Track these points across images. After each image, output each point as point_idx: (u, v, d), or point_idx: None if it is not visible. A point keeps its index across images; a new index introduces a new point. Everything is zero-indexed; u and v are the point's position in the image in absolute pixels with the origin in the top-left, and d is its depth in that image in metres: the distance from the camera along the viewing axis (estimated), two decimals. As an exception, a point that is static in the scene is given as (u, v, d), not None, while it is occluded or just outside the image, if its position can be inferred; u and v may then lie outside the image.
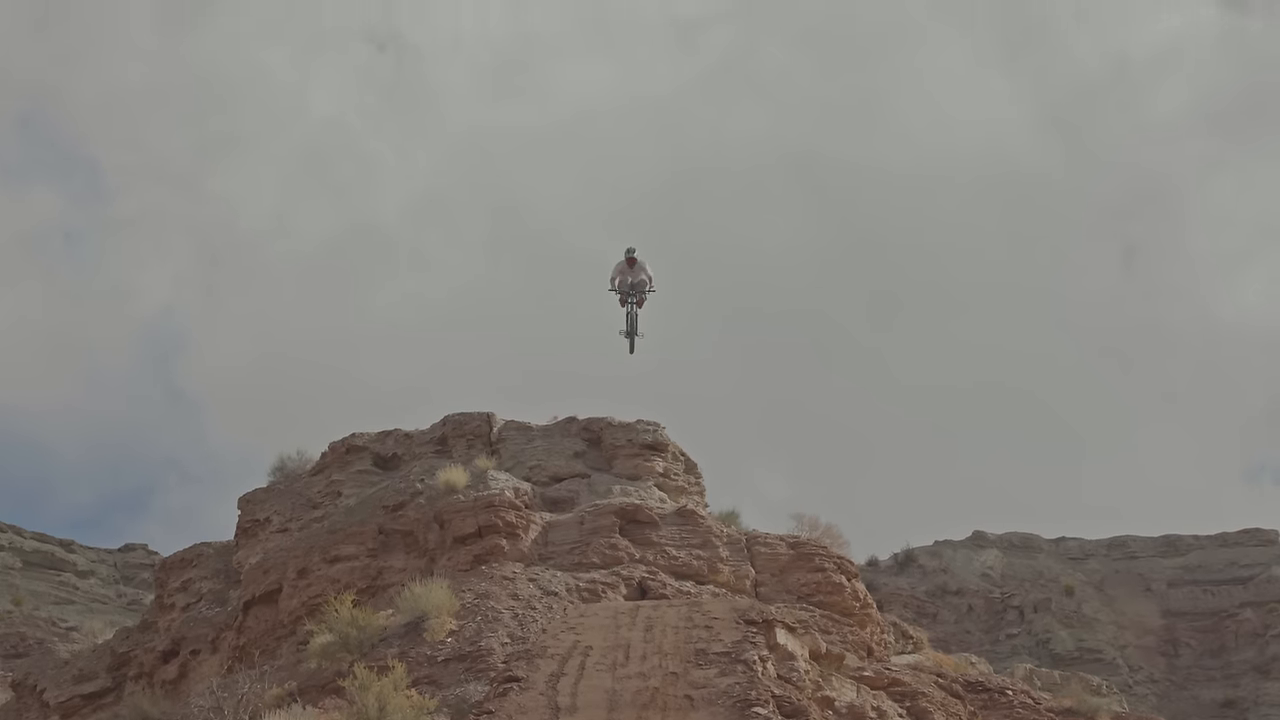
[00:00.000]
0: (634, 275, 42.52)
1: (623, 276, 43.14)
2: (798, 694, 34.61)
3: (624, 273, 42.97)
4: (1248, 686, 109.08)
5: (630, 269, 42.55)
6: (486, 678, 38.53)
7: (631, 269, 42.51)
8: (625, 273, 42.86)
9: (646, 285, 43.04)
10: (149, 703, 49.97)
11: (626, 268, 42.75)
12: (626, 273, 42.75)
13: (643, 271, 42.82)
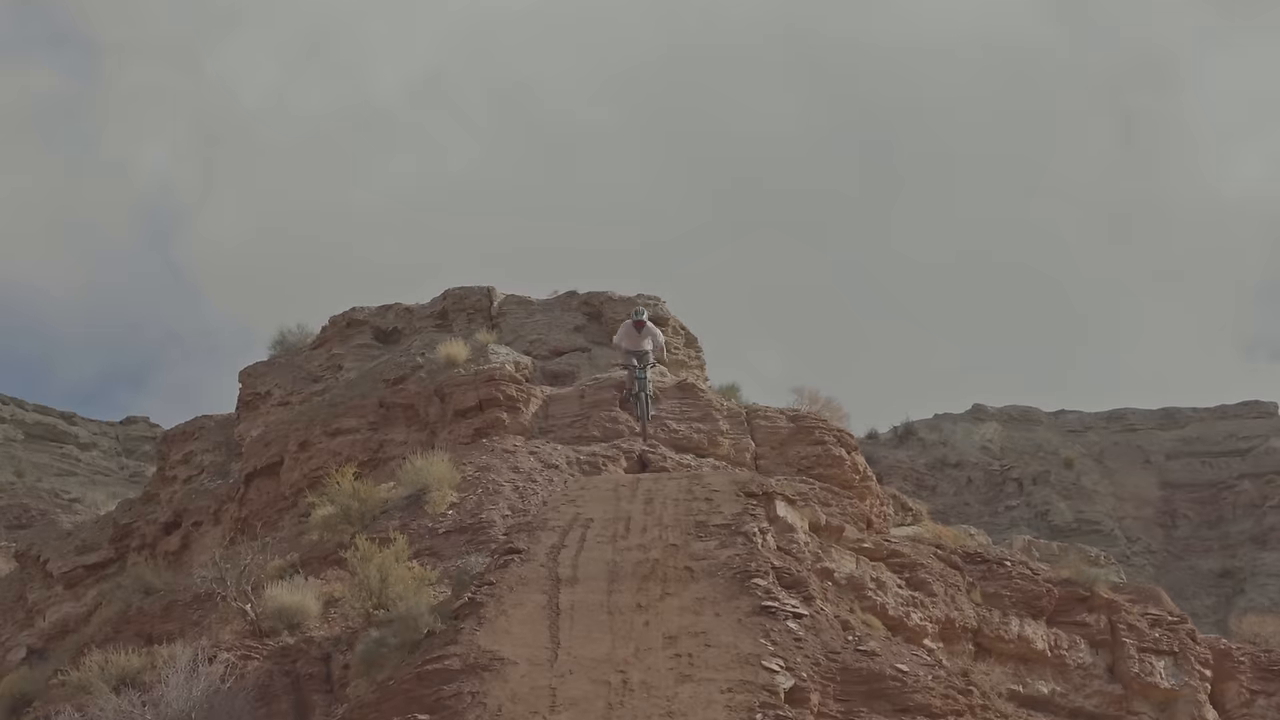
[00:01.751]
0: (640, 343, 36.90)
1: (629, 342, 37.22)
2: (797, 565, 34.79)
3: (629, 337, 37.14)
4: (1245, 557, 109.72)
5: (638, 333, 37.05)
6: (487, 549, 38.72)
7: (639, 332, 36.99)
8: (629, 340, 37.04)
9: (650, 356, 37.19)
10: (151, 573, 50.25)
11: (634, 331, 37.25)
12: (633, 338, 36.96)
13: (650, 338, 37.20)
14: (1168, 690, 44.86)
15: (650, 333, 37.35)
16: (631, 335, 36.95)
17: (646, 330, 37.09)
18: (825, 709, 28.69)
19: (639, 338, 36.76)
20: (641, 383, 36.33)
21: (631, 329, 37.31)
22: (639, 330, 36.99)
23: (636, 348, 36.66)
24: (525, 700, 26.24)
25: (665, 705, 26.04)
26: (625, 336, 37.36)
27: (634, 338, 36.78)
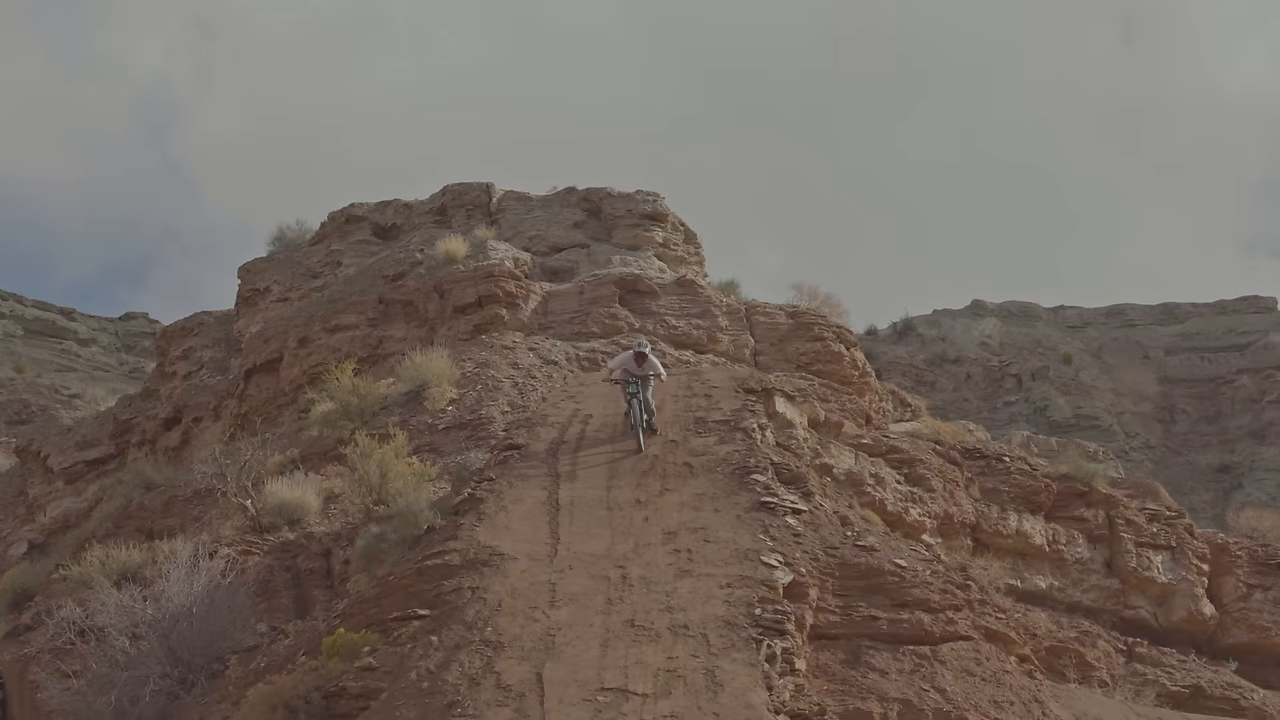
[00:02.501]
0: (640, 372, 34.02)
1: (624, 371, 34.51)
2: (796, 461, 34.85)
3: (626, 368, 34.43)
4: (1243, 452, 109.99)
5: (638, 366, 34.09)
6: (487, 445, 38.78)
7: (639, 366, 34.07)
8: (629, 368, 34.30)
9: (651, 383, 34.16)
10: (152, 469, 50.41)
11: (633, 364, 34.25)
12: (631, 369, 34.21)
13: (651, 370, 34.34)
14: (1165, 584, 45.08)
15: (652, 366, 34.20)
16: (631, 367, 33.95)
17: (648, 364, 34.01)
18: (824, 604, 28.81)
19: (639, 370, 33.88)
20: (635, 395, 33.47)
21: (631, 361, 34.07)
22: (640, 363, 33.86)
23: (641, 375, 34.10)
24: (525, 595, 26.34)
25: (664, 600, 26.14)
26: (624, 367, 34.30)
27: (632, 367, 33.95)
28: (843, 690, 27.42)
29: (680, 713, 22.38)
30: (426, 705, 23.03)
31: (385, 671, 24.94)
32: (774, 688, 23.54)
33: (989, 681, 29.60)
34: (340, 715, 24.74)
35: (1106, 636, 43.16)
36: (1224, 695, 41.41)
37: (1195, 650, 44.67)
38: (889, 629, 29.04)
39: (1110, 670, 41.36)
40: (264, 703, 25.68)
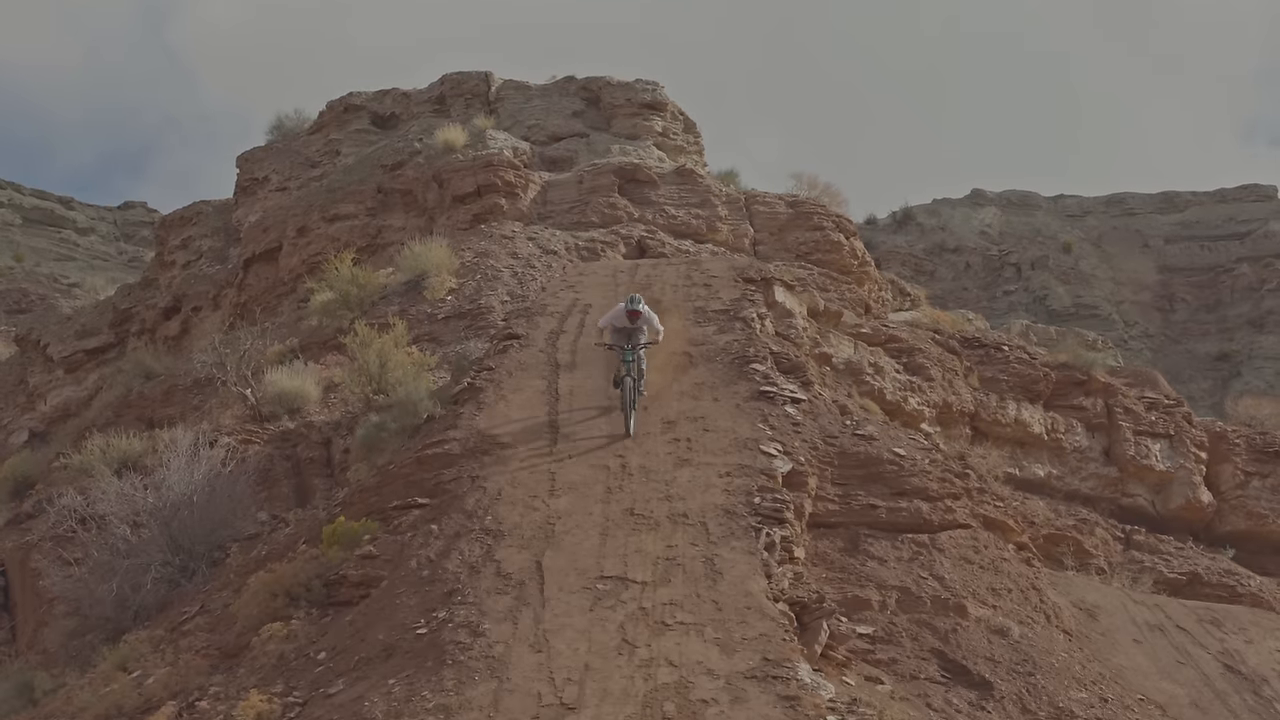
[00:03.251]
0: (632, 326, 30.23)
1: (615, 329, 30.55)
2: (795, 350, 34.87)
3: (616, 323, 30.53)
4: (1242, 340, 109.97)
5: (632, 322, 30.23)
6: (486, 335, 38.81)
7: (633, 321, 30.22)
8: (621, 324, 30.39)
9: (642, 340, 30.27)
10: (152, 358, 50.47)
11: (626, 320, 30.33)
12: (624, 325, 30.34)
13: (646, 325, 30.49)
14: (1163, 472, 45.26)
15: (646, 320, 30.30)
16: (622, 322, 30.16)
17: (642, 319, 30.11)
18: (823, 492, 28.91)
19: (632, 326, 30.01)
20: (629, 366, 29.30)
21: (623, 315, 30.14)
22: (633, 319, 29.97)
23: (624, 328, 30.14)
24: (525, 485, 26.42)
25: (664, 489, 26.21)
26: (615, 321, 30.38)
27: (624, 324, 30.08)
28: (841, 578, 27.57)
29: (679, 600, 22.49)
30: (427, 593, 23.14)
31: (385, 560, 25.06)
32: (773, 576, 23.65)
33: (987, 569, 29.77)
34: (341, 603, 24.87)
35: (1104, 524, 43.38)
36: (1221, 582, 41.68)
37: (1193, 537, 44.93)
38: (888, 517, 29.16)
39: (1108, 558, 41.60)
40: (265, 590, 25.82)
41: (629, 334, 29.76)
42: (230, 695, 22.71)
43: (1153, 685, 31.68)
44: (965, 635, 27.46)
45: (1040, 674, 27.46)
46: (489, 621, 21.73)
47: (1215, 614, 37.73)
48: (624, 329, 29.86)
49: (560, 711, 19.41)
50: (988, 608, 28.57)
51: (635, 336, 29.71)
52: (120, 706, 24.20)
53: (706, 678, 20.28)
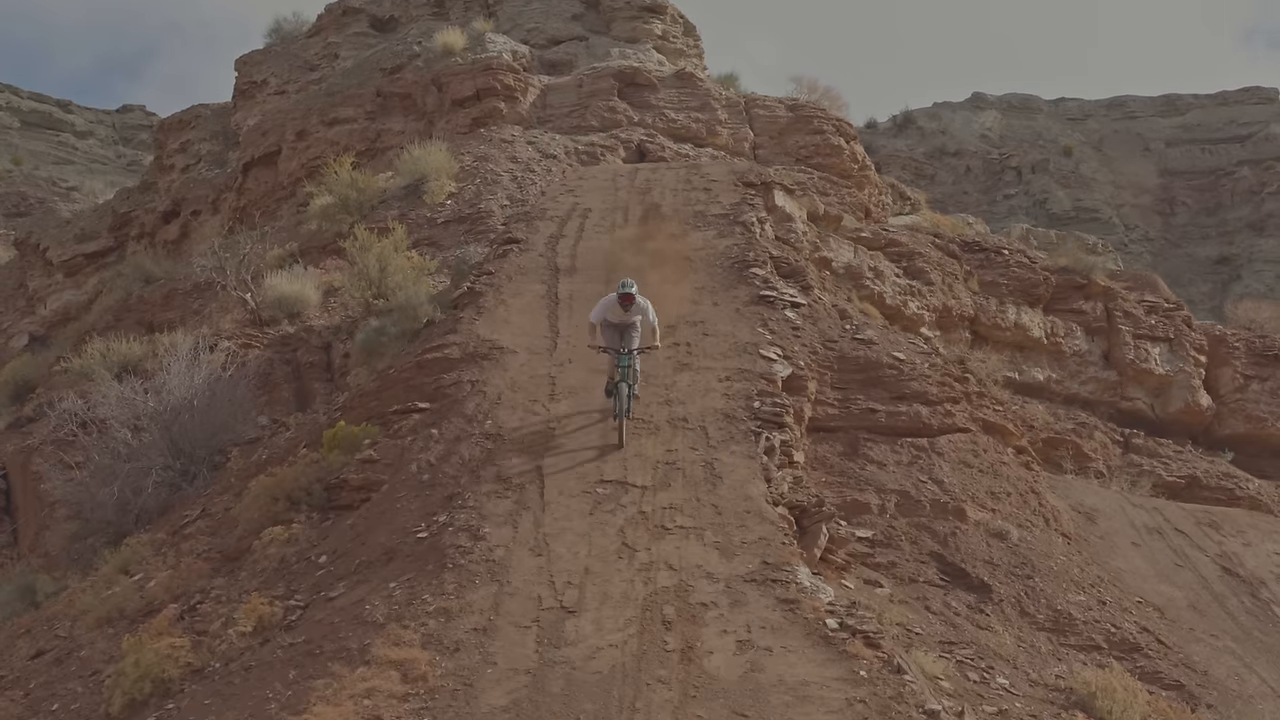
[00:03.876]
0: (628, 317, 25.83)
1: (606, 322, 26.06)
2: (795, 255, 34.83)
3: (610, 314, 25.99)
4: (1242, 244, 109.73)
5: (626, 311, 25.77)
6: (486, 239, 38.73)
7: (627, 311, 25.76)
8: (614, 315, 25.94)
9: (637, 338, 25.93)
10: (151, 262, 50.38)
11: (618, 309, 25.84)
12: (616, 315, 25.90)
13: (640, 316, 25.95)
14: (1162, 376, 45.32)
15: (640, 309, 25.85)
16: (615, 312, 25.78)
17: (635, 307, 25.72)
18: (822, 397, 28.96)
19: (625, 314, 25.77)
20: (625, 371, 25.27)
21: (615, 304, 25.77)
22: (626, 306, 25.62)
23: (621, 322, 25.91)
24: (525, 388, 26.46)
25: (664, 393, 26.25)
26: (608, 312, 25.93)
27: (618, 314, 25.77)
28: (840, 482, 27.66)
29: (679, 504, 22.57)
30: (427, 497, 23.22)
31: (386, 464, 25.12)
32: (772, 480, 23.72)
33: (986, 473, 29.88)
34: (341, 507, 24.96)
35: (1103, 428, 43.49)
36: (1219, 485, 41.84)
37: (1192, 441, 45.05)
38: (887, 421, 29.23)
39: (1107, 461, 41.73)
40: (266, 494, 25.90)
41: (623, 333, 25.70)
42: (231, 598, 22.83)
43: (1151, 588, 31.87)
44: (964, 539, 27.59)
45: (1039, 577, 27.62)
46: (489, 525, 21.82)
47: (1213, 517, 37.92)
48: (617, 325, 25.71)
49: (560, 615, 19.52)
50: (987, 511, 28.69)
51: (629, 337, 25.67)
52: (122, 609, 24.33)
53: (706, 581, 20.39)
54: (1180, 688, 26.74)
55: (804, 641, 19.03)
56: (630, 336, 25.55)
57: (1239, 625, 31.85)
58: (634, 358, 25.37)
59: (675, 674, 18.27)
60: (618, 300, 25.56)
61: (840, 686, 18.10)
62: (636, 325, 25.70)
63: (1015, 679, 24.16)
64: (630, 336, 25.55)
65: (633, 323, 25.69)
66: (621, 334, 25.61)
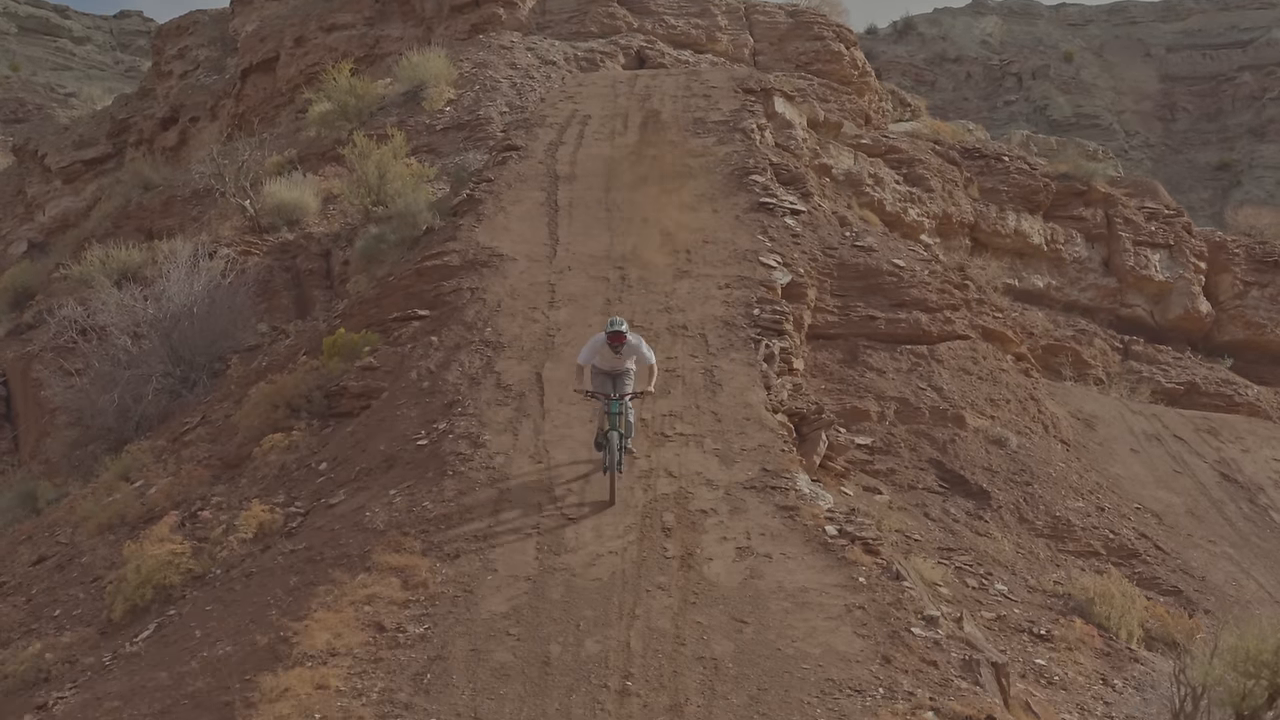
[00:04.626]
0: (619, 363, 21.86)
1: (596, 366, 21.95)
2: (795, 162, 34.72)
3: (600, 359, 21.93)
4: (1243, 149, 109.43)
5: (617, 353, 21.74)
6: (485, 146, 38.60)
7: (618, 353, 21.73)
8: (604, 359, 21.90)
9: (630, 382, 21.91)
10: (150, 169, 50.23)
11: (608, 353, 21.81)
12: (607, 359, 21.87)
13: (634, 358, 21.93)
14: (1162, 282, 45.29)
15: (633, 350, 21.82)
16: (606, 356, 21.79)
17: (627, 347, 21.73)
18: (822, 304, 28.95)
19: (617, 357, 21.78)
20: (615, 419, 21.30)
21: (604, 348, 21.76)
22: (616, 347, 21.62)
23: (613, 369, 21.93)
24: (525, 296, 26.44)
25: (663, 301, 26.24)
26: (597, 355, 21.91)
27: (609, 358, 21.80)
28: (840, 389, 27.71)
29: (679, 411, 22.61)
30: (427, 404, 23.25)
31: (386, 371, 25.14)
32: (772, 387, 23.75)
33: (985, 380, 29.91)
34: (341, 414, 25.00)
35: (1103, 335, 43.51)
36: (1218, 391, 41.91)
37: (1191, 347, 45.10)
38: (887, 329, 29.25)
39: (1106, 368, 41.79)
40: (266, 401, 25.94)
41: (614, 379, 21.79)
42: (232, 505, 22.92)
43: (1149, 494, 31.99)
44: (963, 445, 27.67)
45: (1038, 483, 27.72)
46: (489, 433, 21.87)
47: (1212, 423, 38.01)
48: (607, 372, 21.80)
49: (560, 522, 19.60)
50: (986, 418, 28.75)
51: (622, 382, 21.80)
52: (123, 516, 24.43)
53: (705, 488, 20.45)
54: (1178, 593, 26.90)
55: (803, 548, 19.11)
56: (623, 382, 21.67)
57: (1237, 531, 32.00)
58: (626, 405, 21.40)
59: (675, 580, 18.35)
60: (606, 341, 21.47)
61: (839, 593, 18.19)
62: (630, 370, 21.75)
63: (1013, 585, 24.30)
64: (623, 382, 21.67)
65: (625, 369, 21.76)
66: (614, 380, 21.66)
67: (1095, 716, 21.16)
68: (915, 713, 16.11)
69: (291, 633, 17.57)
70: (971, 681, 17.08)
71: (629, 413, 21.40)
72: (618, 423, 21.03)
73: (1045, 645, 22.67)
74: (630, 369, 21.76)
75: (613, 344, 21.38)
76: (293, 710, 16.04)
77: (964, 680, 17.04)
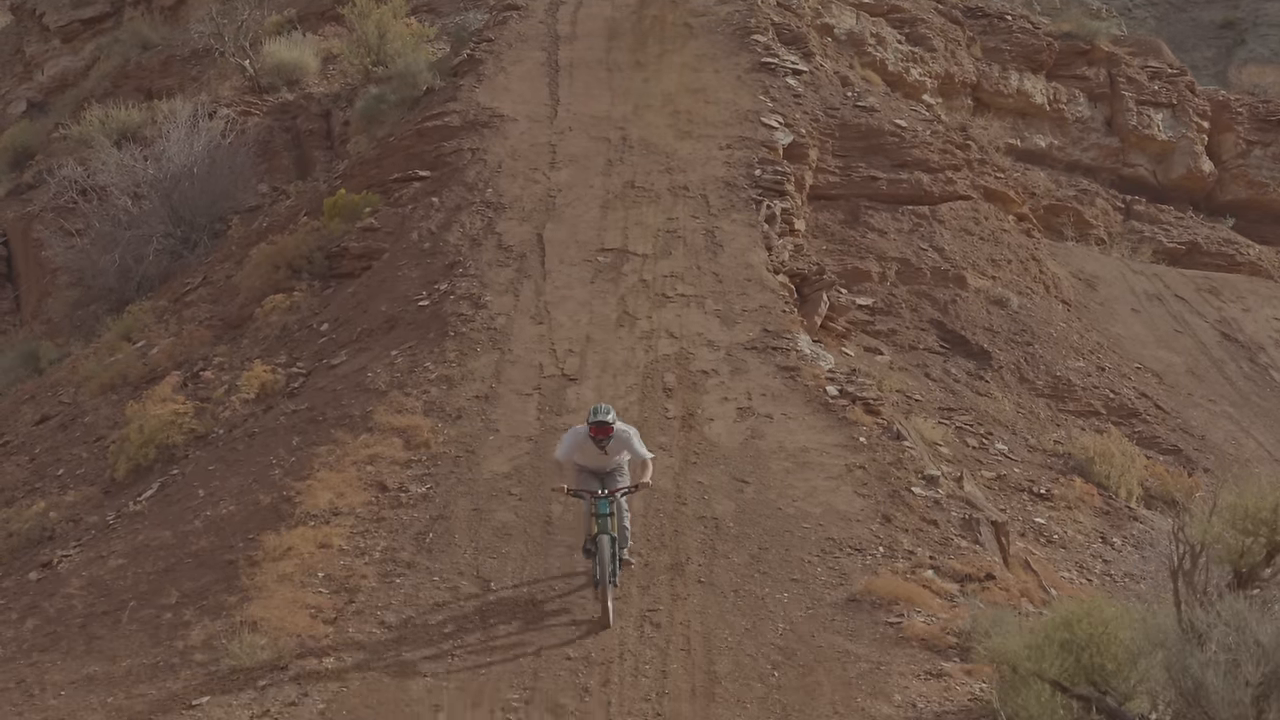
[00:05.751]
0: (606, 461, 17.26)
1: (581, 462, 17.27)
2: (797, 21, 34.45)
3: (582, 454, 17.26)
4: (1247, 7, 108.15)
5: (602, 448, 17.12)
6: (485, 6, 38.27)
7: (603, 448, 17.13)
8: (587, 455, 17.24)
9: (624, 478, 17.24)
10: (149, 28, 49.76)
11: (591, 449, 17.18)
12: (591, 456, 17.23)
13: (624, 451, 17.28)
14: (1164, 142, 45.06)
15: (622, 444, 17.16)
16: (588, 451, 17.19)
17: (616, 440, 17.10)
18: (823, 165, 28.87)
19: (603, 455, 17.18)
20: (604, 521, 16.69)
21: (588, 443, 17.10)
22: (601, 441, 17.02)
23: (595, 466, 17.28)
24: (525, 156, 26.37)
25: (665, 161, 26.18)
26: (578, 451, 17.27)
27: (593, 455, 17.19)
28: (841, 250, 27.71)
29: (680, 272, 22.65)
30: (428, 265, 23.27)
31: (387, 232, 25.13)
32: (773, 248, 23.76)
33: (987, 240, 29.89)
34: (342, 275, 25.02)
35: (1105, 195, 43.35)
36: (1220, 251, 41.82)
37: (1193, 207, 44.94)
38: (888, 189, 29.19)
39: (1108, 228, 41.67)
40: (267, 262, 25.95)
41: (603, 478, 17.15)
42: (234, 365, 23.00)
43: (1150, 354, 32.07)
44: (964, 306, 27.71)
45: (1038, 343, 27.79)
46: (490, 294, 21.91)
47: (1213, 283, 38.00)
48: (594, 471, 17.20)
49: (562, 383, 19.69)
50: (987, 278, 28.77)
51: (612, 476, 17.17)
52: (125, 375, 24.52)
53: (707, 349, 20.53)
54: (1177, 452, 27.06)
55: (804, 408, 19.22)
56: (613, 478, 17.12)
57: (1237, 390, 32.10)
58: (620, 503, 16.84)
59: (676, 440, 18.47)
60: (589, 434, 16.85)
61: (840, 453, 18.31)
62: (622, 467, 17.20)
63: (1014, 444, 24.45)
64: (613, 478, 17.12)
65: (617, 466, 17.17)
66: (601, 479, 17.05)
67: (1094, 574, 21.37)
68: (915, 571, 16.28)
69: (294, 492, 17.72)
70: (971, 540, 17.25)
71: (623, 514, 16.94)
72: (608, 525, 16.53)
73: (1045, 504, 22.86)
74: (623, 464, 17.18)
75: (597, 438, 16.83)
76: (296, 569, 16.21)
77: (964, 539, 17.21)
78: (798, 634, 15.08)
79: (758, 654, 14.79)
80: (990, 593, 16.12)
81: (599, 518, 16.49)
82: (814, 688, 14.24)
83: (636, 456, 16.93)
